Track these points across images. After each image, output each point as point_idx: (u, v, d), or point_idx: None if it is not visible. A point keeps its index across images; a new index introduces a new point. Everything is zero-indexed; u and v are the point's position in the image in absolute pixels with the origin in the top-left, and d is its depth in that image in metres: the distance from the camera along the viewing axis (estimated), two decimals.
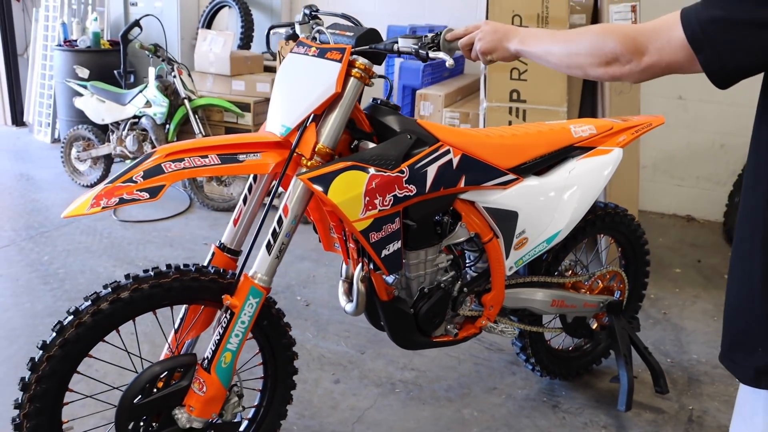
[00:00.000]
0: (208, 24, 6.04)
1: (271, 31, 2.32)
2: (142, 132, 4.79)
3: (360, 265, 1.93)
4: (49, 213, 4.49)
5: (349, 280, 2.09)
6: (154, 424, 1.80)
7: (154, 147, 4.74)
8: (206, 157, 1.73)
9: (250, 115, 4.86)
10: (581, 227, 2.46)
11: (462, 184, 1.99)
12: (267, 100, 5.01)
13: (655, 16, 1.19)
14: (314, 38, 1.98)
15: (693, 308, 3.56)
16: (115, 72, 5.43)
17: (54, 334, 1.66)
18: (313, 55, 1.84)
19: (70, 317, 1.68)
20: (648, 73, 1.18)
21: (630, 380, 2.52)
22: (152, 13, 5.63)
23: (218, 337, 1.77)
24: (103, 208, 1.57)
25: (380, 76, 2.10)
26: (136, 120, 4.81)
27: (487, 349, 2.98)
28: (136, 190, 1.61)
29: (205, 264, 1.94)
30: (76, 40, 5.93)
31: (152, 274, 1.75)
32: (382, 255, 1.85)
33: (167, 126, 4.72)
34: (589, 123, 2.41)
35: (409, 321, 2.09)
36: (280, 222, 1.79)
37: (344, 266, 2.12)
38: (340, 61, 1.77)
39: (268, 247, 1.79)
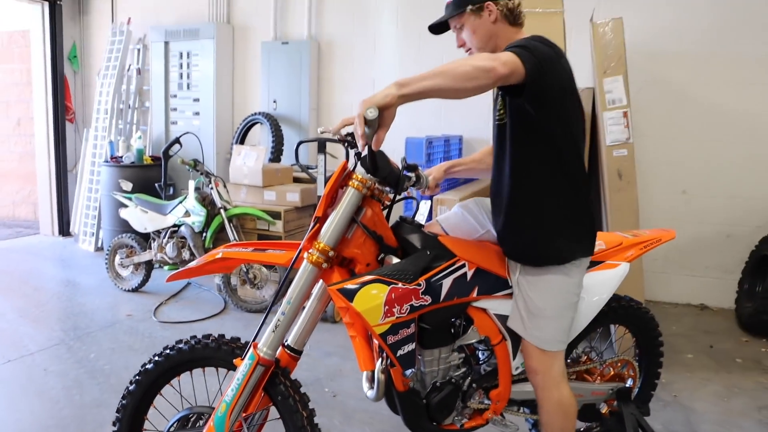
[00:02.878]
0: (242, 139, 6.56)
1: (299, 146, 2.69)
2: (181, 239, 5.19)
3: (380, 359, 2.20)
4: (94, 315, 4.84)
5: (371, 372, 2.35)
6: None
7: (192, 253, 5.12)
8: (247, 248, 2.17)
9: (281, 223, 5.25)
10: (596, 318, 2.64)
11: (475, 294, 2.24)
12: (296, 209, 5.42)
13: None
14: None
15: (704, 390, 3.71)
16: (156, 185, 5.91)
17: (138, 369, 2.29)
18: None
19: (131, 386, 2.26)
20: (503, 78, 1.83)
21: None
22: (191, 131, 6.17)
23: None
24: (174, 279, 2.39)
25: (410, 197, 2.44)
26: (176, 228, 5.22)
27: None
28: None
29: None
30: (121, 157, 6.48)
31: (200, 338, 2.25)
32: (398, 354, 2.08)
33: (204, 234, 5.11)
34: (600, 238, 2.62)
35: (421, 410, 2.30)
36: (287, 306, 2.11)
37: None
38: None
39: (274, 328, 2.12)
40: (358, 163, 2.10)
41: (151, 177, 6.27)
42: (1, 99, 8.75)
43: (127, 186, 6.03)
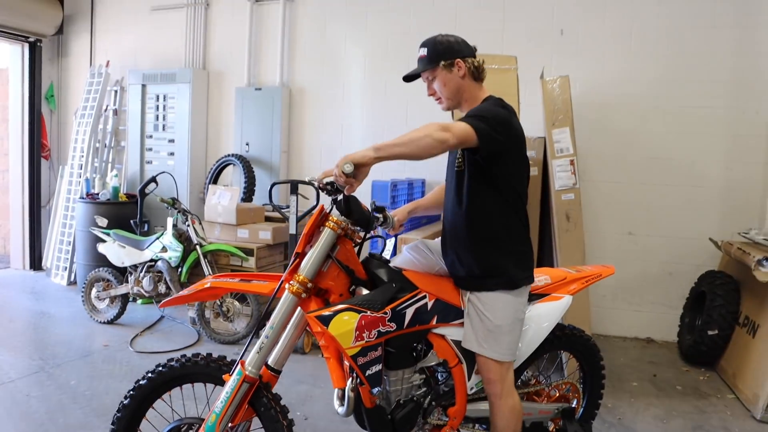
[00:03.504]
0: (215, 179, 6.83)
1: (273, 187, 3.00)
2: (157, 273, 5.42)
3: (350, 379, 2.50)
4: (71, 345, 5.01)
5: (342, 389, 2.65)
6: None
7: (168, 287, 5.35)
8: (234, 279, 2.43)
9: (254, 259, 5.51)
10: (542, 345, 2.97)
11: (434, 321, 2.59)
12: (268, 246, 5.69)
13: None
14: None
15: (645, 413, 4.06)
16: (132, 221, 6.12)
17: (133, 384, 2.49)
18: None
19: (126, 400, 2.48)
20: (455, 146, 2.26)
21: None
22: (166, 171, 6.44)
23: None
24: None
25: (377, 236, 2.77)
26: (152, 263, 5.45)
27: None
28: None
29: None
30: (97, 194, 6.69)
31: (190, 356, 2.51)
32: (366, 374, 2.40)
33: (180, 268, 5.35)
34: (546, 273, 3.01)
35: (387, 425, 2.61)
36: (264, 328, 2.42)
37: None
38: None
39: (258, 349, 2.41)
40: (334, 206, 2.44)
41: (126, 214, 6.47)
42: None
43: (103, 222, 6.24)
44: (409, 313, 2.49)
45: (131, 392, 2.50)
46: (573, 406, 3.17)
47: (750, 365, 4.31)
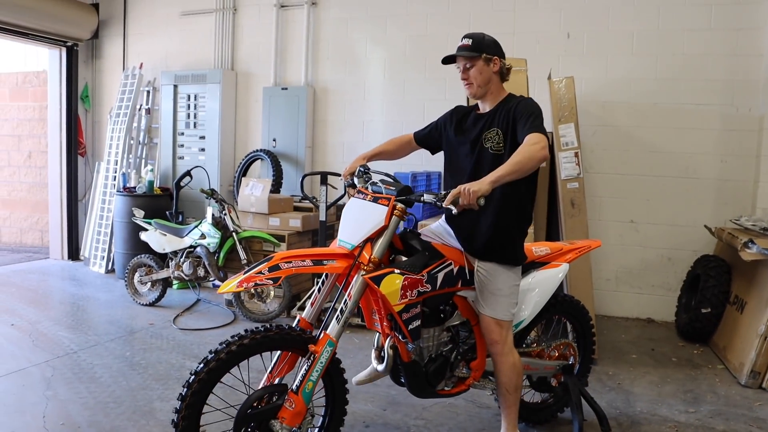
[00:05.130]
0: (244, 173, 7.31)
1: (304, 179, 3.43)
2: (196, 258, 5.91)
3: (390, 337, 2.96)
4: (119, 324, 5.51)
5: (379, 349, 3.12)
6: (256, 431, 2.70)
7: (207, 272, 5.84)
8: (304, 260, 2.74)
9: (285, 245, 5.98)
10: (543, 310, 3.46)
11: (459, 285, 3.06)
12: (298, 233, 6.17)
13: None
14: (367, 187, 3.04)
15: (642, 380, 4.51)
16: (167, 212, 6.61)
17: (201, 365, 2.58)
18: (370, 200, 2.94)
19: (211, 355, 2.62)
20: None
21: (580, 422, 3.44)
22: (199, 165, 6.92)
23: (304, 371, 2.71)
24: (245, 287, 2.61)
25: (410, 214, 3.24)
26: (191, 249, 5.94)
27: (478, 407, 3.92)
28: (265, 279, 2.63)
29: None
30: (134, 187, 7.18)
31: (263, 329, 2.73)
32: (409, 328, 2.85)
33: (217, 254, 5.83)
34: (546, 245, 3.53)
35: (422, 377, 3.09)
36: (345, 304, 2.81)
37: (376, 340, 3.17)
38: (387, 206, 2.84)
39: (338, 319, 2.80)
40: (397, 200, 2.86)
41: (161, 205, 6.97)
42: (14, 133, 9.43)
43: (140, 213, 6.70)
44: (440, 276, 2.94)
45: (212, 360, 2.57)
46: (571, 362, 3.64)
47: (738, 338, 4.76)
